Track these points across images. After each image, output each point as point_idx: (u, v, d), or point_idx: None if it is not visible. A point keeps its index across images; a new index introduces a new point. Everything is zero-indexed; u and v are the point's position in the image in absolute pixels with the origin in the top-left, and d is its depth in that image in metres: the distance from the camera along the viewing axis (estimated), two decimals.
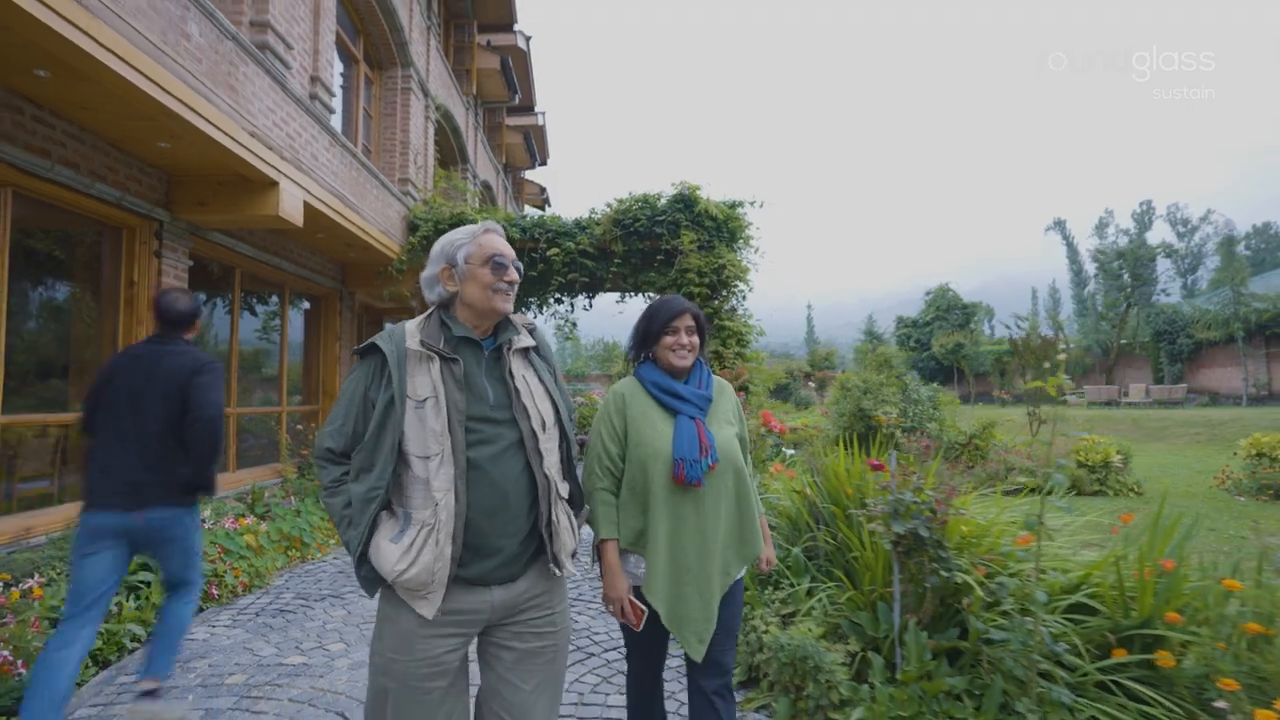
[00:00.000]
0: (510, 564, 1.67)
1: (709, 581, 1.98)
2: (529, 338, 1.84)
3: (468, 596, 1.65)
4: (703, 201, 9.78)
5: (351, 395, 1.70)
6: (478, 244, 1.75)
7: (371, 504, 1.61)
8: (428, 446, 1.59)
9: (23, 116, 4.30)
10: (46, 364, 5.07)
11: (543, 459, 1.71)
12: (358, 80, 9.18)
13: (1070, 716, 2.28)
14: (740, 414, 2.22)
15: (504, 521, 1.65)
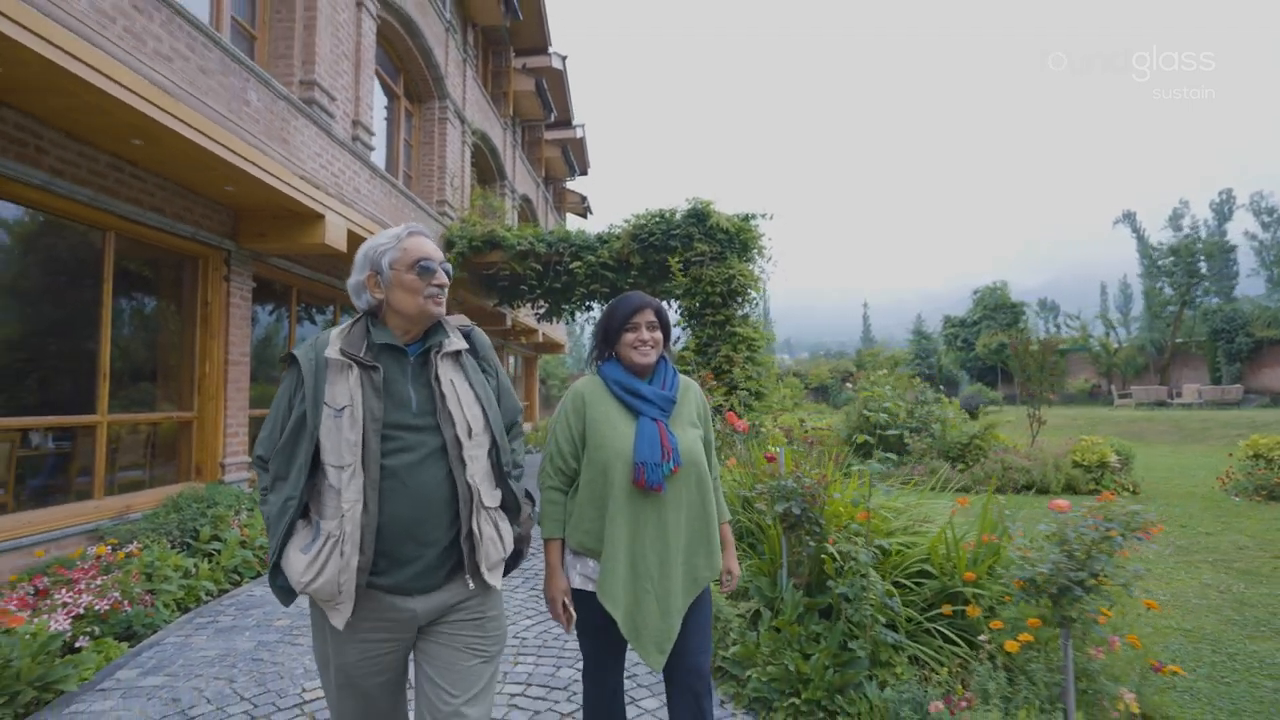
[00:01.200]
0: (428, 574, 1.64)
1: (670, 591, 1.93)
2: (460, 340, 1.79)
3: (387, 604, 1.62)
4: (715, 215, 10.44)
5: (277, 403, 1.69)
6: (402, 248, 1.71)
7: (286, 514, 1.60)
8: (342, 456, 1.58)
9: (123, 174, 5.36)
10: (139, 370, 6.16)
11: (465, 467, 1.67)
12: (399, 114, 10.23)
13: (895, 653, 2.93)
14: (706, 415, 2.17)
15: (422, 531, 1.61)
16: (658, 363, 2.09)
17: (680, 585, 1.95)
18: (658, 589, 1.92)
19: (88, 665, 3.30)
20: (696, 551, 2.00)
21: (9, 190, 4.54)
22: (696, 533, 2.00)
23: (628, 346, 2.04)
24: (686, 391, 2.12)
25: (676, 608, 1.93)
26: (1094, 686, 2.44)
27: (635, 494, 1.93)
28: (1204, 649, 3.62)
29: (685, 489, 1.98)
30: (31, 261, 4.94)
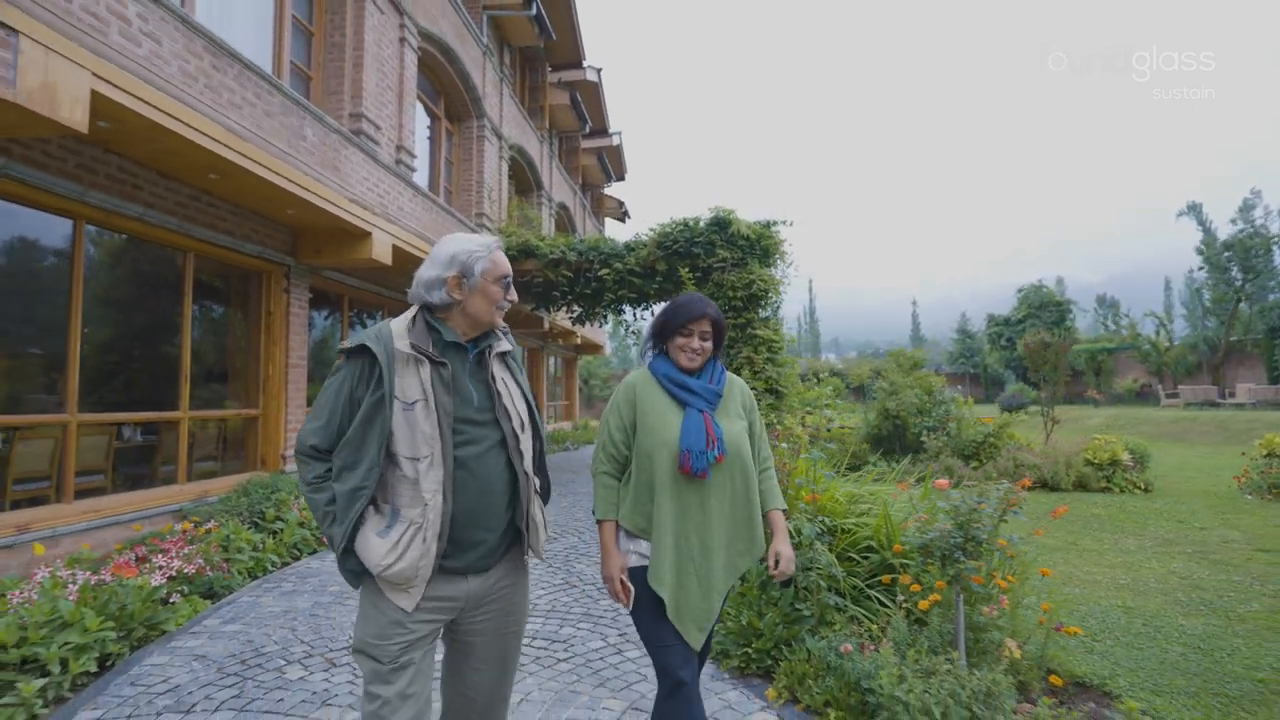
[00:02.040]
0: (488, 555, 1.78)
1: (711, 573, 2.01)
2: (507, 343, 1.91)
3: (446, 585, 1.73)
4: (736, 223, 10.93)
5: (337, 393, 1.73)
6: (493, 260, 1.80)
7: (358, 501, 1.66)
8: (417, 448, 1.66)
9: (201, 204, 6.21)
10: (212, 372, 7.03)
11: (523, 457, 1.80)
12: (440, 134, 11.04)
13: (837, 613, 3.44)
14: (752, 407, 2.25)
15: (486, 517, 1.74)
16: (708, 360, 2.18)
17: (721, 568, 2.03)
18: (699, 570, 2.00)
19: (181, 613, 4.07)
20: (738, 537, 2.08)
21: (112, 222, 5.41)
22: (739, 519, 2.08)
23: (677, 349, 2.13)
24: (732, 386, 2.22)
25: (717, 589, 2.02)
26: (985, 637, 2.93)
27: (681, 480, 2.01)
28: (1136, 623, 4.02)
29: (729, 477, 2.06)
30: (125, 278, 5.81)
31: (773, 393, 10.65)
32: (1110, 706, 2.94)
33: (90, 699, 3.08)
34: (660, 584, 1.97)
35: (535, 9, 12.03)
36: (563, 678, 3.33)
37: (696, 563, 2.00)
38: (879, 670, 2.62)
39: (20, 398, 4.93)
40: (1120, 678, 3.22)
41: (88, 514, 5.11)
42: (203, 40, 5.09)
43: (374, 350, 1.68)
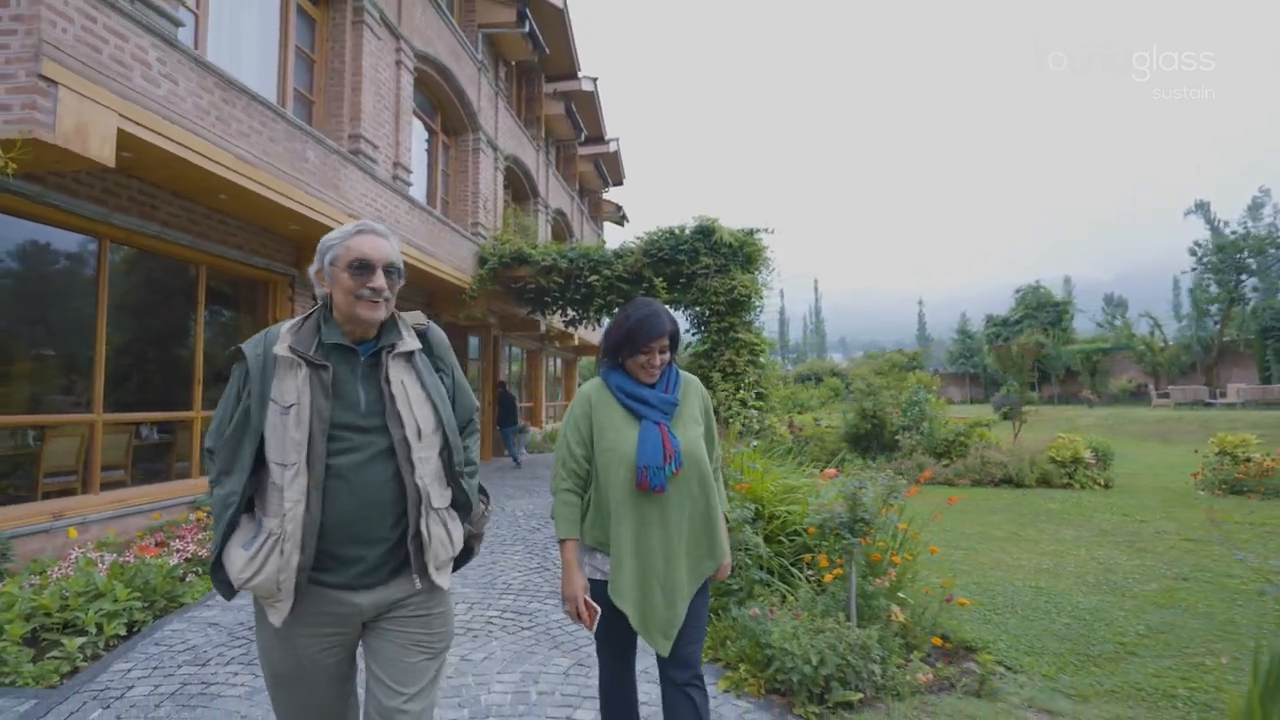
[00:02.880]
0: (372, 572, 1.64)
1: (675, 584, 2.00)
2: (413, 341, 1.77)
3: (329, 601, 1.62)
4: (719, 231, 11.44)
5: (227, 396, 1.68)
6: (345, 246, 1.67)
7: (229, 509, 1.59)
8: (286, 455, 1.56)
9: (212, 221, 6.77)
10: (222, 375, 7.58)
11: (414, 469, 1.65)
12: (437, 147, 11.61)
13: (764, 588, 3.96)
14: (708, 409, 2.22)
15: (365, 530, 1.61)
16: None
17: (685, 577, 2.03)
18: (664, 582, 1.99)
19: (196, 589, 4.62)
20: (699, 545, 2.07)
21: (132, 239, 5.98)
22: (700, 528, 2.07)
23: (637, 367, 2.09)
24: (688, 389, 2.18)
25: (682, 597, 2.01)
26: (874, 603, 3.44)
27: (639, 495, 1.99)
28: (1040, 600, 4.52)
29: (688, 487, 2.04)
30: (144, 290, 6.38)
31: (755, 394, 11.16)
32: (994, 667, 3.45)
33: (121, 655, 3.63)
34: (622, 599, 1.97)
35: (528, 26, 12.57)
36: (523, 642, 3.87)
37: (660, 574, 1.99)
38: (774, 629, 3.14)
39: (52, 399, 5.50)
40: (1002, 642, 3.73)
41: (113, 504, 5.68)
42: (214, 78, 5.65)
43: (247, 355, 1.63)
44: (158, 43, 5.04)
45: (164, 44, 5.10)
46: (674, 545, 2.01)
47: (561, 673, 3.41)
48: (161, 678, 3.35)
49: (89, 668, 3.48)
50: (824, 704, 2.93)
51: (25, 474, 5.33)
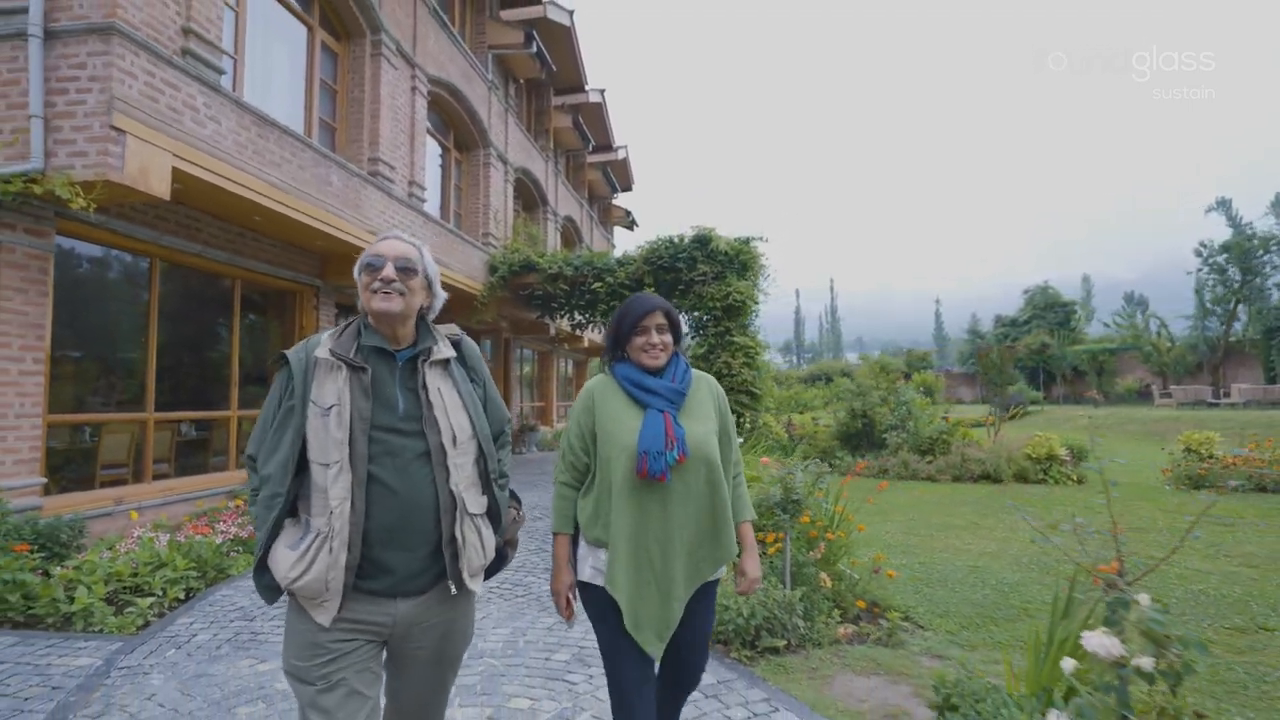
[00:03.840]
0: (413, 578, 1.66)
1: (672, 581, 1.94)
2: (448, 349, 1.82)
3: (369, 607, 1.64)
4: (716, 240, 12.08)
5: (269, 403, 1.72)
6: (365, 253, 1.76)
7: (272, 511, 1.61)
8: (328, 454, 1.59)
9: (246, 239, 7.54)
10: (253, 377, 8.36)
11: (449, 474, 1.69)
12: (450, 163, 12.35)
13: None
14: (723, 409, 2.15)
15: (405, 535, 1.64)
16: (670, 360, 2.09)
17: (682, 575, 1.95)
18: (659, 578, 1.93)
19: (240, 564, 5.36)
20: (702, 544, 1.99)
21: (178, 258, 6.75)
22: (704, 525, 1.98)
23: (638, 350, 2.05)
24: (700, 385, 2.13)
25: (677, 596, 1.94)
26: (805, 571, 4.08)
27: (640, 485, 1.93)
28: (972, 575, 5.14)
29: (694, 482, 1.96)
30: (186, 302, 7.15)
31: (748, 394, 11.78)
32: (905, 625, 4.09)
33: (183, 612, 4.37)
34: (616, 590, 1.91)
35: (535, 47, 13.28)
36: (516, 606, 4.56)
37: (656, 570, 1.93)
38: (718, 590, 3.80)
39: (111, 400, 6.28)
40: (922, 607, 4.37)
41: (164, 491, 6.46)
42: (251, 115, 6.40)
43: (290, 360, 1.69)
44: (204, 89, 5.79)
45: (209, 90, 5.85)
46: (673, 541, 1.94)
47: (546, 628, 4.09)
48: (218, 629, 4.08)
49: (158, 622, 4.22)
50: (755, 649, 3.59)
51: (87, 466, 6.10)
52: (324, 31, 8.47)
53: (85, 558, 4.64)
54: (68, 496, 5.62)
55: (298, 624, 1.63)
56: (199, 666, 3.50)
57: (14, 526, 4.67)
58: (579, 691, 3.19)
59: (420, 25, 10.07)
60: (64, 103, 4.90)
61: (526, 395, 18.37)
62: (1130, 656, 2.11)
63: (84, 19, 4.93)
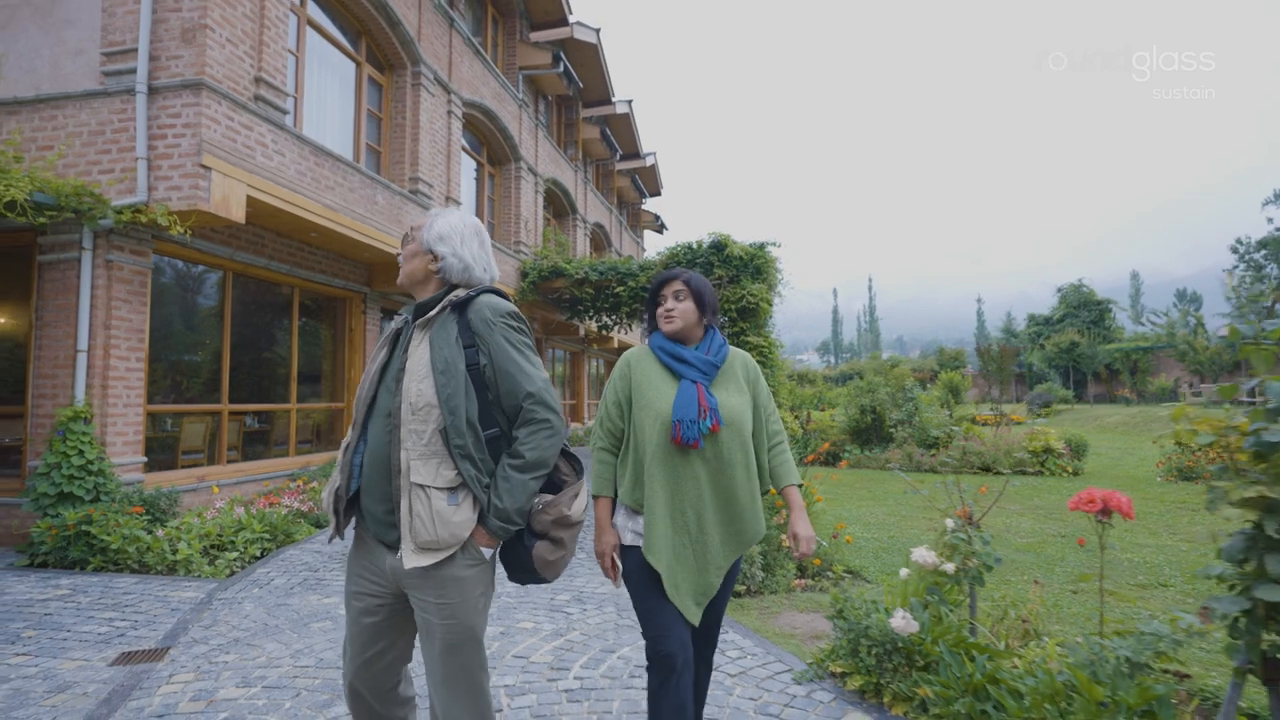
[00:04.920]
0: (383, 530, 1.73)
1: (708, 549, 1.97)
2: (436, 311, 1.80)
3: (368, 551, 1.79)
4: (731, 246, 12.80)
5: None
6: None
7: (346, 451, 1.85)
8: (360, 402, 1.82)
9: (304, 253, 8.58)
10: (310, 375, 9.41)
11: (401, 439, 1.69)
12: (484, 177, 13.34)
13: None
14: (757, 381, 2.20)
15: (371, 486, 1.74)
16: (706, 332, 2.15)
17: (719, 544, 2.00)
18: (696, 545, 1.97)
19: (303, 530, 6.33)
20: (737, 515, 2.02)
21: (247, 270, 7.79)
22: (738, 495, 2.01)
23: (660, 318, 2.14)
24: (734, 360, 2.17)
25: (715, 565, 1.99)
26: (773, 536, 4.83)
27: (674, 452, 1.98)
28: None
29: (727, 450, 1.99)
30: (254, 308, 8.21)
31: None
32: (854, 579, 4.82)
33: (260, 565, 5.33)
34: (656, 558, 1.94)
35: (562, 67, 14.19)
36: None
37: (693, 536, 1.97)
38: None
39: (194, 393, 7.35)
40: (873, 567, 5.08)
41: (237, 472, 7.51)
42: (309, 147, 7.40)
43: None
44: (272, 128, 6.79)
45: (276, 128, 6.85)
46: (708, 507, 1.99)
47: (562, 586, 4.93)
48: (290, 576, 5.02)
49: (241, 571, 5.18)
50: None
51: (173, 449, 7.16)
52: (370, 66, 9.48)
53: (181, 521, 5.66)
54: (162, 474, 6.67)
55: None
56: (278, 599, 4.44)
57: (125, 495, 5.71)
58: (573, 619, 4.02)
59: (455, 54, 11.05)
60: (163, 146, 5.93)
61: (560, 394, 19.32)
62: (940, 565, 2.86)
63: (179, 76, 5.96)
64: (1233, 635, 1.97)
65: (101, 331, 5.93)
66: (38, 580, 4.83)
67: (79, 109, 6.11)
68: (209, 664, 3.32)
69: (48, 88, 6.24)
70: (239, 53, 6.41)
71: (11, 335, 6.38)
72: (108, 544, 5.13)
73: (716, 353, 2.11)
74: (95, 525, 5.18)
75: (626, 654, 3.46)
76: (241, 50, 6.44)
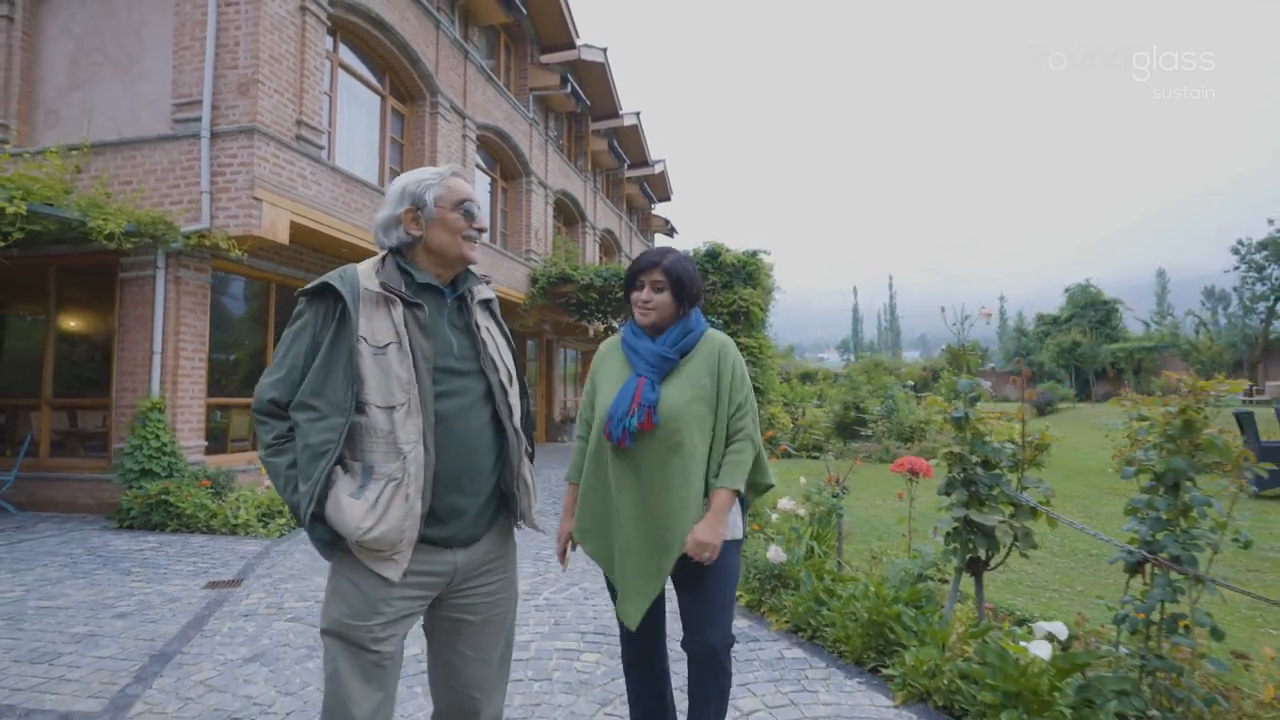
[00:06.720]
0: (474, 524, 1.61)
1: (649, 551, 1.87)
2: (489, 290, 1.78)
3: (431, 558, 1.56)
4: (724, 253, 13.80)
5: (296, 338, 1.57)
6: (447, 186, 1.64)
7: (323, 458, 1.46)
8: (392, 395, 1.49)
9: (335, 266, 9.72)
10: None
11: (512, 413, 1.66)
12: (496, 192, 14.49)
13: None
14: (721, 372, 1.97)
15: (469, 480, 1.58)
16: (677, 321, 2.00)
17: (659, 544, 1.87)
18: (635, 548, 1.88)
19: None
20: (662, 516, 1.86)
21: (288, 282, 8.98)
22: (666, 497, 1.86)
23: (635, 306, 2.01)
24: (703, 349, 2.00)
25: (653, 570, 1.87)
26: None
27: (612, 450, 1.91)
28: (872, 520, 6.80)
29: (664, 449, 1.87)
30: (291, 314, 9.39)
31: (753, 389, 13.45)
32: None
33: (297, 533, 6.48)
34: (592, 556, 1.95)
35: (570, 88, 15.28)
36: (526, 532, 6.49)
37: (629, 536, 1.89)
38: None
39: (241, 389, 8.55)
40: None
41: None
42: (341, 176, 8.56)
43: (338, 288, 1.52)
44: (311, 162, 7.96)
45: (314, 162, 8.01)
46: (647, 509, 1.88)
47: (545, 543, 6.01)
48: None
49: (290, 533, 6.34)
50: None
51: (223, 438, 8.35)
52: (393, 99, 10.64)
53: (239, 493, 6.83)
54: (219, 456, 7.87)
55: (356, 580, 1.51)
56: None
57: (193, 472, 6.91)
58: (551, 564, 5.10)
59: (469, 83, 12.19)
60: (222, 181, 7.10)
61: (570, 391, 20.42)
62: (796, 510, 3.89)
63: (235, 123, 7.13)
64: (949, 544, 2.99)
65: (172, 336, 7.13)
66: (130, 538, 6.03)
67: (153, 150, 7.31)
68: (274, 589, 4.45)
69: (126, 132, 7.46)
70: (284, 100, 7.57)
71: (99, 340, 7.61)
72: (182, 510, 6.31)
73: (675, 344, 1.97)
74: (172, 495, 6.37)
75: (587, 585, 4.52)
76: (286, 98, 7.61)
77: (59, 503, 7.29)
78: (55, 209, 6.09)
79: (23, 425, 7.81)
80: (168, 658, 3.29)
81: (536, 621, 3.85)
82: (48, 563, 5.08)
